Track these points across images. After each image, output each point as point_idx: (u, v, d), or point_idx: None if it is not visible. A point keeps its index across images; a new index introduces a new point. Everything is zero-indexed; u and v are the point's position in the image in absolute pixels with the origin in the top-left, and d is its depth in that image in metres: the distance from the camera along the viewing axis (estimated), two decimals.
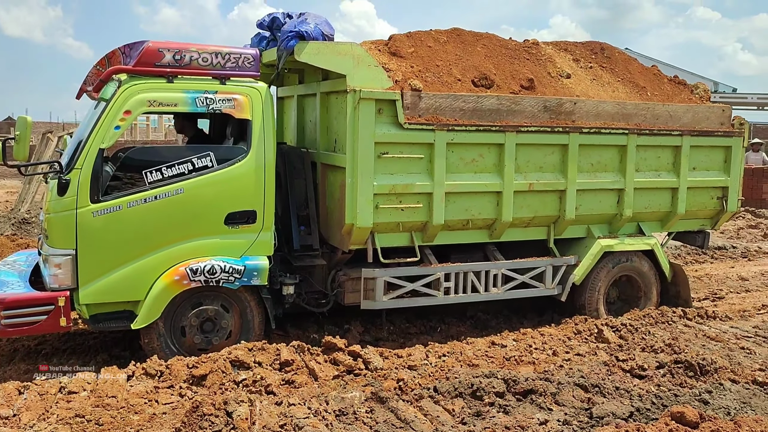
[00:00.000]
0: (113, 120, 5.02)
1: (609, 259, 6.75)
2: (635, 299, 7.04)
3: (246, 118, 5.40)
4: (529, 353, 5.78)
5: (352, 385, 4.81)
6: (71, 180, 4.94)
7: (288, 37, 5.45)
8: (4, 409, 4.18)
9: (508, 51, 6.77)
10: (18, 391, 4.45)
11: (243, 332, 5.53)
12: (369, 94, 5.52)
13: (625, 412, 4.24)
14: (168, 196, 5.16)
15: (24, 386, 4.51)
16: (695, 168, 7.00)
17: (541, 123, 6.21)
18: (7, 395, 4.36)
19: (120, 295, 5.16)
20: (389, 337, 6.43)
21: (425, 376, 5.12)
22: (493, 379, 4.78)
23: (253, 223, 5.45)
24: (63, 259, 4.98)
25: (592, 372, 5.13)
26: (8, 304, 4.86)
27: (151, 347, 5.27)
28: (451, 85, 6.01)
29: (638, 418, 4.20)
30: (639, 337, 6.13)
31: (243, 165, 5.38)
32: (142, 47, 5.18)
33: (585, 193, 6.51)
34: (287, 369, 4.94)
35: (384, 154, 5.66)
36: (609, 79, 6.97)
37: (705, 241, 7.51)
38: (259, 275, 5.41)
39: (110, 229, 5.05)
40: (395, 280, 5.96)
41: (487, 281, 6.29)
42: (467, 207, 6.06)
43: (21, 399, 4.33)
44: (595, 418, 4.20)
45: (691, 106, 6.96)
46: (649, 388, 4.84)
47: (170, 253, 5.22)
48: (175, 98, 5.20)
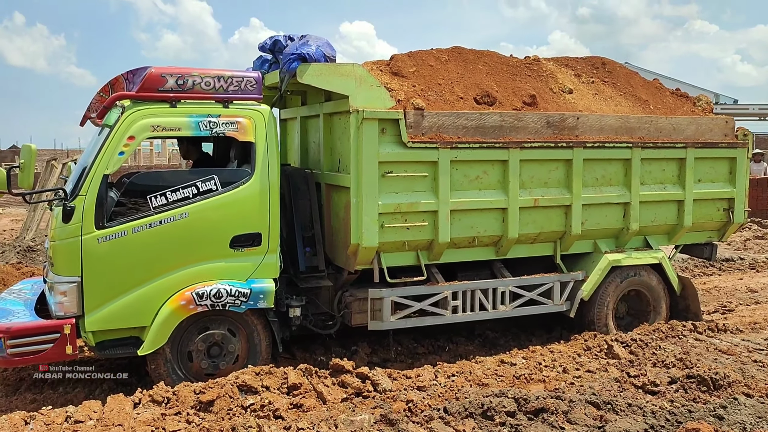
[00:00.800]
0: (117, 146, 5.02)
1: (617, 273, 6.70)
2: (644, 314, 6.97)
3: (249, 140, 5.40)
4: (539, 371, 5.71)
5: (361, 408, 4.75)
6: (76, 207, 4.93)
7: (290, 59, 5.47)
8: None
9: (510, 68, 6.78)
10: (24, 421, 4.40)
11: (250, 356, 5.49)
12: (372, 114, 5.53)
13: (639, 430, 4.17)
14: (173, 220, 5.15)
15: (30, 416, 4.46)
16: (700, 180, 6.97)
17: (544, 138, 6.20)
18: (13, 425, 4.32)
19: (126, 321, 5.13)
20: (397, 357, 6.38)
21: (434, 396, 5.06)
22: (503, 398, 4.72)
23: (259, 245, 5.43)
24: (68, 286, 4.96)
25: (604, 389, 5.07)
26: (14, 333, 4.83)
27: (157, 373, 5.23)
28: (453, 103, 6.02)
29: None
30: (650, 352, 6.06)
31: (247, 188, 5.37)
32: (145, 73, 5.20)
33: (591, 208, 6.48)
34: (295, 393, 4.88)
35: (388, 173, 5.65)
36: (611, 93, 6.97)
37: (713, 254, 7.46)
38: (265, 298, 5.38)
39: (115, 255, 5.03)
40: (402, 299, 5.92)
41: (495, 299, 6.25)
42: (473, 224, 6.04)
43: (27, 429, 4.29)
44: None
45: (694, 118, 6.95)
46: (662, 404, 4.77)
47: (176, 277, 5.20)
48: (179, 123, 5.21)
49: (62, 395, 5.37)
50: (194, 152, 6.24)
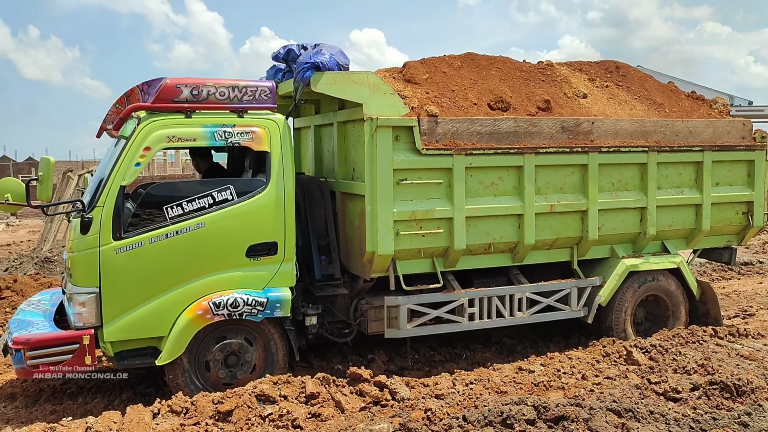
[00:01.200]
0: (133, 157, 5.05)
1: (635, 278, 6.64)
2: (663, 319, 6.90)
3: (264, 150, 5.41)
4: (558, 378, 5.66)
5: (379, 417, 4.73)
6: (93, 218, 4.96)
7: (304, 68, 5.49)
8: None
9: (523, 73, 6.76)
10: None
11: (267, 365, 5.49)
12: (386, 122, 5.52)
13: None
14: (189, 230, 5.17)
15: (50, 427, 4.48)
16: (718, 183, 6.91)
17: (559, 144, 6.17)
18: None
19: (144, 331, 5.14)
20: (414, 366, 6.35)
21: (453, 404, 5.02)
22: (523, 406, 4.68)
23: (275, 254, 5.43)
24: (87, 297, 4.99)
25: (625, 396, 5.01)
26: (33, 344, 4.86)
27: (175, 383, 5.24)
28: (467, 110, 6.00)
29: None
30: (670, 358, 5.99)
31: (263, 197, 5.38)
32: (160, 84, 5.23)
33: (607, 213, 6.43)
34: (313, 402, 4.87)
35: (403, 181, 5.64)
36: (626, 97, 6.93)
37: (732, 257, 7.38)
38: (282, 307, 5.38)
39: (133, 266, 5.05)
40: (419, 307, 5.90)
41: (512, 305, 6.21)
42: (488, 231, 6.01)
43: None
44: None
45: (711, 121, 6.89)
46: (685, 411, 4.71)
47: (193, 287, 5.21)
48: (194, 133, 5.23)
49: (81, 406, 5.39)
50: (203, 163, 6.26)
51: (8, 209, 5.08)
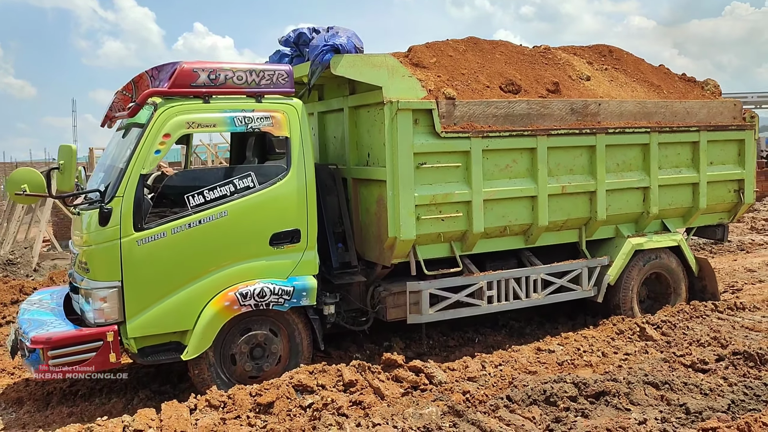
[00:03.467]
0: (153, 144, 4.83)
1: (640, 257, 6.78)
2: (665, 296, 7.07)
3: (284, 135, 5.27)
4: (580, 356, 5.73)
5: (423, 401, 4.68)
6: (113, 209, 4.72)
7: (323, 51, 5.35)
8: None
9: (526, 57, 6.79)
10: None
11: (292, 356, 5.35)
12: (406, 105, 5.46)
13: (723, 405, 4.21)
14: (212, 219, 4.98)
15: (87, 428, 4.25)
16: (712, 162, 7.11)
17: (569, 125, 6.23)
18: None
19: (168, 326, 4.94)
20: (431, 351, 6.31)
21: (488, 386, 5.02)
22: (563, 383, 4.71)
23: (298, 242, 5.30)
24: (108, 292, 4.75)
25: (655, 369, 5.10)
26: (55, 343, 4.60)
27: (201, 378, 5.05)
28: (481, 92, 5.99)
29: (735, 411, 4.16)
30: (680, 332, 6.15)
31: (285, 183, 5.24)
32: (175, 68, 5.02)
33: (614, 193, 6.54)
34: (352, 390, 4.78)
35: (422, 165, 5.58)
36: (625, 79, 7.05)
37: (724, 234, 7.62)
38: (308, 295, 5.26)
39: (155, 258, 4.84)
40: (440, 291, 5.86)
41: (527, 287, 6.24)
42: (504, 213, 6.02)
43: None
44: (693, 413, 4.15)
45: (705, 101, 7.09)
46: (717, 381, 4.83)
47: (217, 278, 5.04)
48: (214, 119, 5.05)
49: (99, 407, 5.14)
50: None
51: (26, 201, 4.79)
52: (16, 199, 4.70)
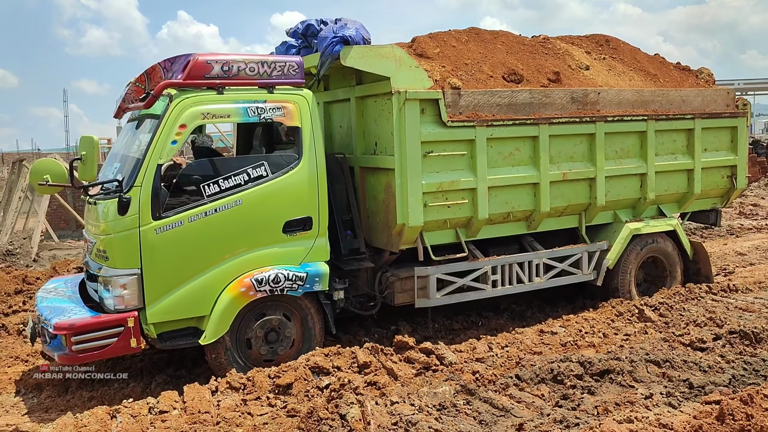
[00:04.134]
0: (169, 135, 4.95)
1: (637, 241, 6.99)
2: (661, 279, 7.29)
3: (296, 125, 5.40)
4: (582, 338, 5.93)
5: (435, 381, 4.86)
6: (132, 198, 4.85)
7: (332, 42, 5.48)
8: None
9: (526, 47, 6.94)
10: (109, 416, 4.34)
11: (305, 340, 5.51)
12: (414, 95, 5.60)
13: (724, 380, 4.42)
14: (227, 208, 5.12)
15: (114, 409, 4.40)
16: (706, 149, 7.31)
17: (570, 114, 6.40)
18: (100, 420, 4.25)
19: (185, 311, 5.08)
20: (436, 335, 6.48)
21: (496, 366, 5.21)
22: (569, 363, 4.91)
23: (310, 229, 5.45)
24: (128, 279, 4.88)
25: (655, 349, 5.31)
26: (78, 329, 4.73)
27: (218, 362, 5.20)
28: (485, 82, 6.14)
29: (736, 385, 4.38)
30: (677, 314, 6.36)
31: (297, 172, 5.37)
32: (188, 60, 5.13)
33: (612, 180, 6.72)
34: (366, 371, 4.95)
35: (429, 153, 5.73)
36: (622, 68, 7.22)
37: (717, 219, 7.84)
38: (320, 281, 5.41)
39: (173, 246, 4.97)
40: (446, 276, 6.04)
41: (530, 271, 6.43)
42: (508, 200, 6.19)
43: (116, 423, 4.23)
44: (696, 387, 4.36)
45: (700, 90, 7.28)
46: (715, 358, 5.04)
47: (232, 265, 5.18)
48: (228, 110, 5.17)
49: (119, 391, 5.28)
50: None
51: (48, 191, 4.91)
52: (39, 189, 4.81)
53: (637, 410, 3.99)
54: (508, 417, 4.20)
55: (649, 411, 3.98)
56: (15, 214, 13.50)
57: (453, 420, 4.07)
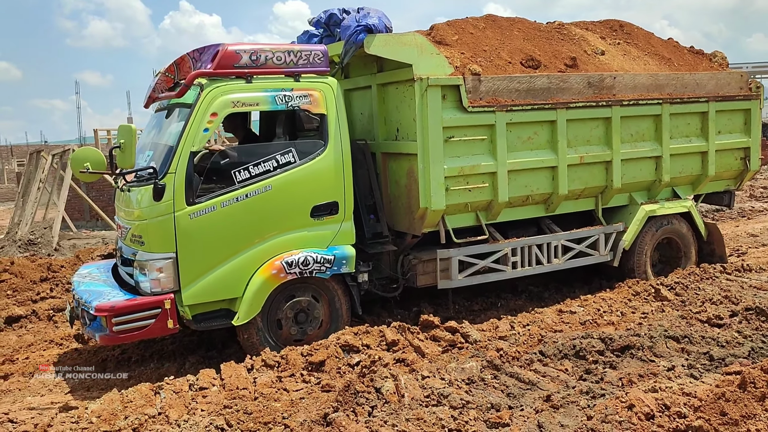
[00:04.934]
0: (201, 123, 5.12)
1: (652, 223, 7.13)
2: (676, 260, 7.44)
3: (322, 112, 5.56)
4: (600, 316, 6.09)
5: (461, 358, 5.04)
6: (166, 184, 5.02)
7: (356, 31, 5.62)
8: (150, 409, 4.28)
9: (542, 33, 7.07)
10: (153, 392, 4.54)
11: (332, 321, 5.70)
12: (436, 81, 5.74)
13: (744, 352, 4.58)
14: (258, 193, 5.29)
15: (157, 387, 4.60)
16: (720, 132, 7.43)
17: (586, 98, 6.53)
18: (144, 396, 4.46)
19: (219, 293, 5.26)
20: (457, 315, 6.65)
21: (519, 344, 5.37)
22: (590, 339, 5.08)
23: (336, 213, 5.62)
24: (164, 262, 5.06)
25: (673, 326, 5.47)
26: (118, 310, 4.93)
27: (250, 342, 5.39)
28: (504, 68, 6.27)
29: (755, 357, 4.54)
30: (693, 293, 6.51)
31: (323, 158, 5.54)
32: (217, 50, 5.28)
33: (628, 162, 6.86)
34: (395, 349, 5.13)
35: (450, 138, 5.88)
36: (637, 53, 7.34)
37: (731, 201, 7.97)
38: (347, 263, 5.59)
39: (207, 230, 5.15)
40: (468, 258, 6.20)
41: (549, 253, 6.59)
42: (527, 183, 6.34)
43: (159, 398, 4.43)
44: (717, 360, 4.53)
45: (714, 73, 7.39)
46: (732, 334, 5.19)
47: (262, 249, 5.36)
48: (257, 98, 5.33)
49: (155, 370, 5.49)
50: (241, 129, 6.34)
51: (89, 178, 5.08)
52: (80, 177, 4.99)
53: (660, 381, 4.16)
54: (535, 390, 4.38)
55: (672, 382, 4.15)
56: (35, 204, 13.74)
57: (482, 393, 4.25)
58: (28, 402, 4.89)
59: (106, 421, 4.14)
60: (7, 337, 6.72)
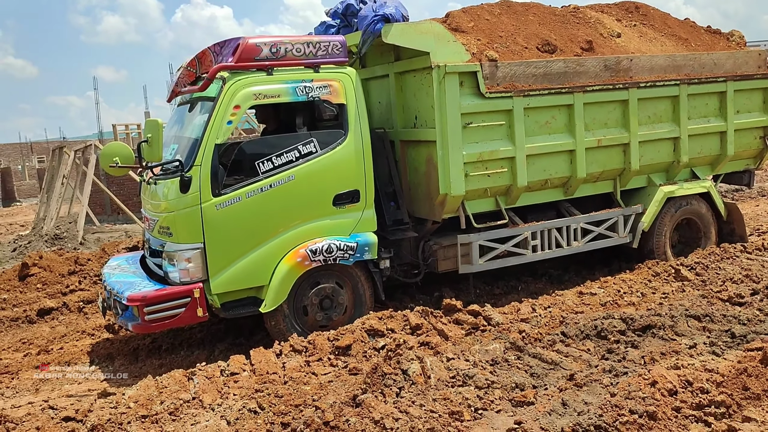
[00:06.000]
0: (225, 115, 5.23)
1: (671, 204, 7.16)
2: (696, 240, 7.46)
3: (341, 102, 5.65)
4: (620, 297, 6.15)
5: (485, 340, 5.13)
6: (193, 177, 5.15)
7: (374, 21, 5.70)
8: (184, 394, 4.43)
9: (557, 17, 7.09)
10: (186, 378, 4.69)
11: (356, 306, 5.81)
12: (453, 68, 5.80)
13: (765, 329, 4.64)
14: (281, 183, 5.40)
15: (190, 373, 4.75)
16: (739, 111, 7.42)
17: (603, 81, 6.56)
18: (178, 382, 4.61)
19: (246, 282, 5.40)
20: (478, 299, 6.74)
21: (540, 326, 5.46)
22: (612, 319, 5.15)
23: (357, 202, 5.72)
24: (192, 253, 5.20)
25: (694, 305, 5.52)
26: (150, 300, 5.07)
27: (277, 329, 5.52)
28: (521, 54, 6.31)
29: None
30: (713, 272, 6.55)
31: (344, 147, 5.63)
32: (238, 44, 5.38)
33: (646, 144, 6.88)
34: (419, 332, 5.24)
35: (469, 124, 5.94)
36: (653, 35, 7.34)
37: (751, 180, 7.97)
38: (370, 250, 5.70)
39: (233, 220, 5.28)
40: (488, 243, 6.28)
41: (568, 236, 6.65)
42: (545, 167, 6.40)
43: (193, 384, 4.58)
44: (738, 337, 4.59)
45: (731, 52, 7.37)
46: (753, 312, 5.24)
47: (287, 237, 5.47)
48: (278, 90, 5.43)
49: (185, 358, 5.65)
50: (274, 119, 6.43)
51: (118, 172, 5.23)
52: (110, 171, 5.13)
53: (682, 358, 4.23)
54: (558, 369, 4.47)
55: (694, 359, 4.22)
56: (59, 200, 13.99)
57: (506, 373, 4.35)
58: (66, 390, 5.07)
59: (144, 406, 4.29)
60: (41, 329, 6.92)
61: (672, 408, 3.59)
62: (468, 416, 3.82)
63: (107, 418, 4.16)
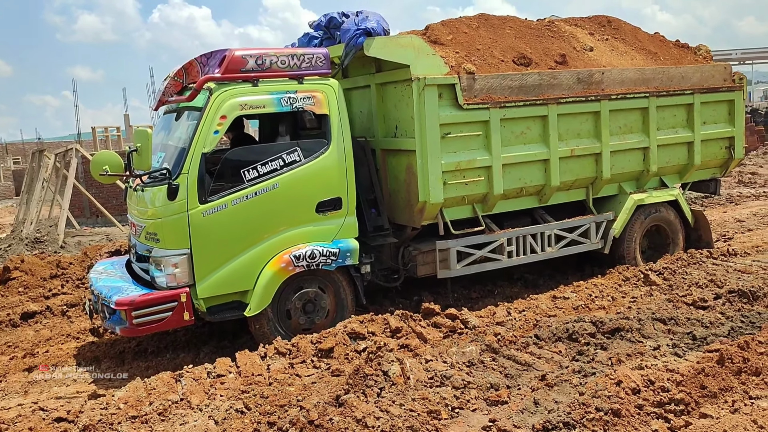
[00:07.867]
0: (211, 125, 5.40)
1: (641, 211, 7.46)
2: (664, 246, 7.77)
3: (324, 113, 5.85)
4: (592, 301, 6.41)
5: (461, 342, 5.35)
6: (180, 185, 5.31)
7: (356, 34, 5.90)
8: (172, 395, 4.58)
9: (533, 31, 7.35)
10: (174, 379, 4.84)
11: (338, 310, 6.01)
12: (432, 81, 6.03)
13: (724, 331, 4.91)
14: (266, 191, 5.58)
15: (178, 375, 4.90)
16: (705, 122, 7.75)
17: (576, 94, 6.83)
18: (166, 383, 4.76)
19: (231, 286, 5.56)
20: (456, 303, 6.96)
21: (515, 329, 5.69)
22: (582, 323, 5.40)
23: (340, 209, 5.92)
24: (179, 258, 5.36)
25: (661, 309, 5.79)
26: (137, 304, 5.22)
27: (262, 332, 5.70)
28: (497, 66, 6.56)
29: (734, 335, 4.87)
30: (680, 277, 6.84)
31: (327, 156, 5.83)
32: (224, 56, 5.56)
33: (617, 154, 7.17)
34: (399, 335, 5.45)
35: (447, 135, 6.17)
36: (624, 48, 7.63)
37: (717, 188, 8.30)
38: (351, 255, 5.90)
39: (219, 227, 5.44)
40: (466, 248, 6.51)
41: (543, 242, 6.91)
42: (521, 176, 6.65)
43: (181, 386, 4.73)
44: (699, 339, 4.86)
45: (698, 66, 7.70)
46: (716, 315, 5.53)
47: (271, 243, 5.65)
48: (263, 101, 5.61)
49: (171, 360, 5.80)
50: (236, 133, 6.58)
51: (108, 180, 5.35)
52: (99, 179, 5.27)
53: (646, 359, 4.49)
54: (531, 370, 4.70)
55: (658, 360, 4.48)
56: (39, 203, 13.99)
57: (482, 374, 4.57)
58: (55, 392, 5.20)
59: (133, 407, 4.44)
60: (25, 332, 7.00)
61: (635, 406, 3.84)
62: (445, 415, 4.03)
63: (98, 418, 4.31)
